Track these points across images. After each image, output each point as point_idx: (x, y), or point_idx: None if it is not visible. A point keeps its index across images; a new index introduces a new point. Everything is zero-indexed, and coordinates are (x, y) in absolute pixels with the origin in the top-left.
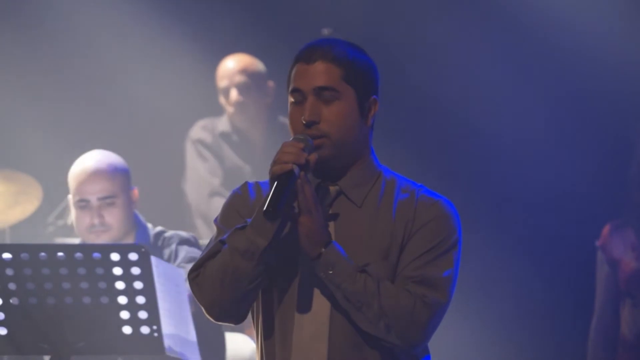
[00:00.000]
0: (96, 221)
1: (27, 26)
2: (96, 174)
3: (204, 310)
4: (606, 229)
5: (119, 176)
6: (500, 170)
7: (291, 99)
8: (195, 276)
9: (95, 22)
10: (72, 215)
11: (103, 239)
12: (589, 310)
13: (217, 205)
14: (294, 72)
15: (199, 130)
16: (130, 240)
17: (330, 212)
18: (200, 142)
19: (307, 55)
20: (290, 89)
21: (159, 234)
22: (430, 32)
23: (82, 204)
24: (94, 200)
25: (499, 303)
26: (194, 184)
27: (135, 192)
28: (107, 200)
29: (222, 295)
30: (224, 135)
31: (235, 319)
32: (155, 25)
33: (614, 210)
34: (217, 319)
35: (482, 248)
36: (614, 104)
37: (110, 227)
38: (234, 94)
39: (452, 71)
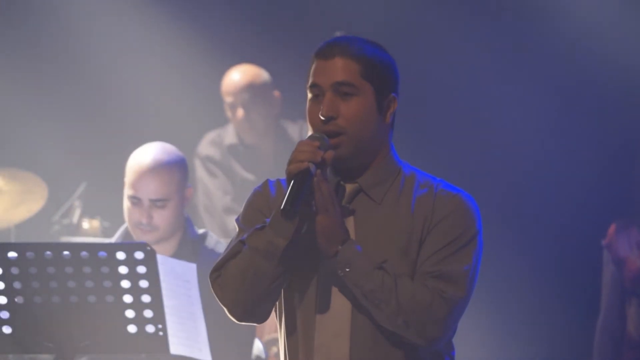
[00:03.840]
0: (144, 220)
1: (35, 27)
2: (152, 174)
3: (226, 310)
4: (612, 228)
5: (176, 177)
6: (507, 170)
7: (309, 95)
8: (216, 277)
9: (104, 28)
10: (124, 204)
11: (148, 238)
12: (595, 310)
13: (232, 221)
14: (312, 68)
15: (207, 146)
16: (175, 240)
17: (349, 210)
18: (209, 159)
19: (325, 51)
20: (308, 84)
21: (204, 235)
22: (438, 31)
23: (134, 201)
24: (145, 200)
25: (505, 301)
26: (206, 199)
27: (190, 190)
28: (158, 203)
29: (243, 295)
30: (232, 148)
31: (258, 319)
32: (163, 31)
33: (619, 209)
34: (239, 319)
35: (487, 247)
36: (620, 103)
37: (157, 227)
38: (240, 111)
39: (459, 72)
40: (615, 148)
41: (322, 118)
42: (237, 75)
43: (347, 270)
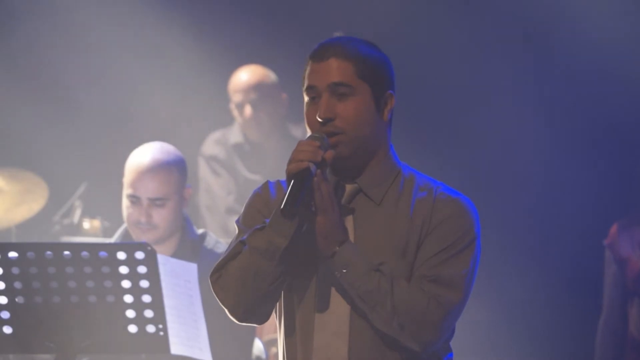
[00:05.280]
0: (143, 219)
1: (36, 27)
2: (151, 173)
3: (227, 311)
4: (614, 228)
5: (174, 177)
6: (507, 170)
7: (306, 97)
8: (217, 278)
9: (106, 27)
10: (123, 203)
11: (147, 237)
12: (597, 310)
13: (234, 221)
14: (307, 70)
15: (211, 146)
16: (175, 240)
17: (348, 209)
18: (213, 158)
19: (320, 53)
20: (304, 86)
21: (203, 235)
22: (438, 31)
23: (133, 200)
24: (144, 198)
25: (506, 302)
26: (208, 199)
27: (189, 190)
28: (157, 202)
29: (244, 296)
30: (237, 147)
31: (259, 319)
32: (167, 32)
33: (621, 208)
34: (240, 320)
35: (489, 247)
36: (622, 103)
37: (156, 226)
38: (248, 109)
39: (459, 72)
40: (617, 147)
41: (319, 120)
42: (246, 75)
43: (344, 271)
